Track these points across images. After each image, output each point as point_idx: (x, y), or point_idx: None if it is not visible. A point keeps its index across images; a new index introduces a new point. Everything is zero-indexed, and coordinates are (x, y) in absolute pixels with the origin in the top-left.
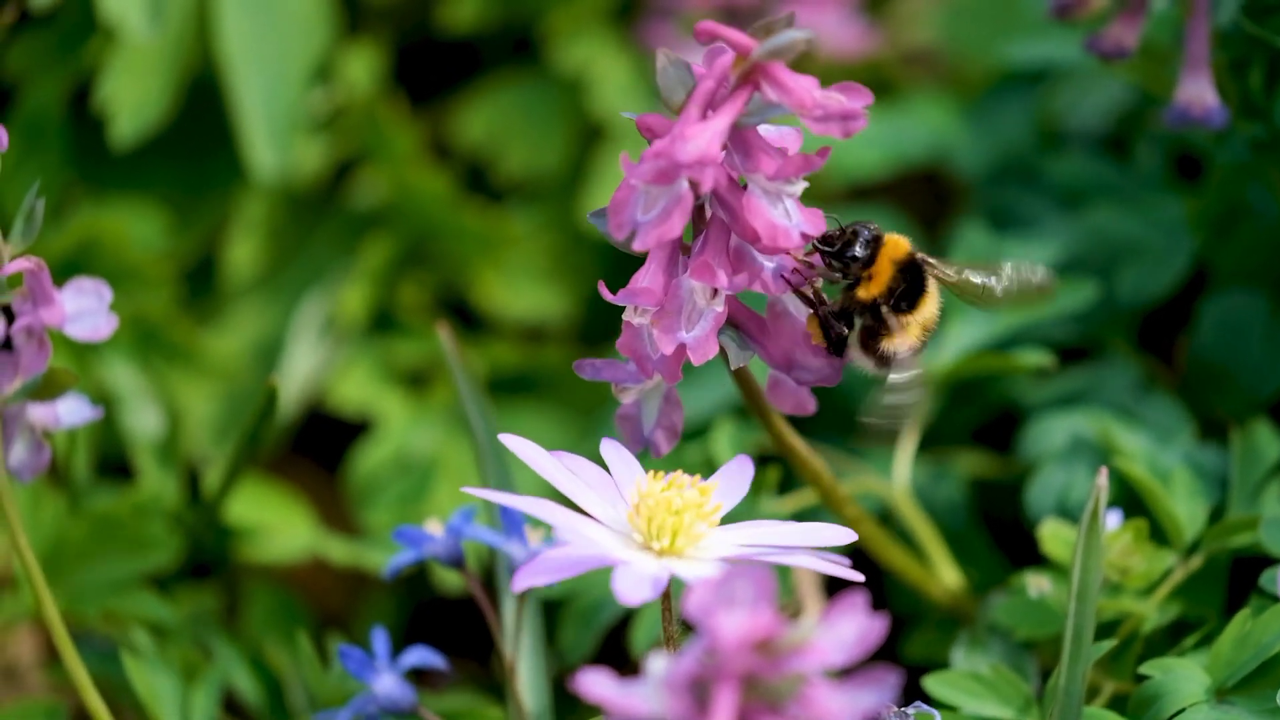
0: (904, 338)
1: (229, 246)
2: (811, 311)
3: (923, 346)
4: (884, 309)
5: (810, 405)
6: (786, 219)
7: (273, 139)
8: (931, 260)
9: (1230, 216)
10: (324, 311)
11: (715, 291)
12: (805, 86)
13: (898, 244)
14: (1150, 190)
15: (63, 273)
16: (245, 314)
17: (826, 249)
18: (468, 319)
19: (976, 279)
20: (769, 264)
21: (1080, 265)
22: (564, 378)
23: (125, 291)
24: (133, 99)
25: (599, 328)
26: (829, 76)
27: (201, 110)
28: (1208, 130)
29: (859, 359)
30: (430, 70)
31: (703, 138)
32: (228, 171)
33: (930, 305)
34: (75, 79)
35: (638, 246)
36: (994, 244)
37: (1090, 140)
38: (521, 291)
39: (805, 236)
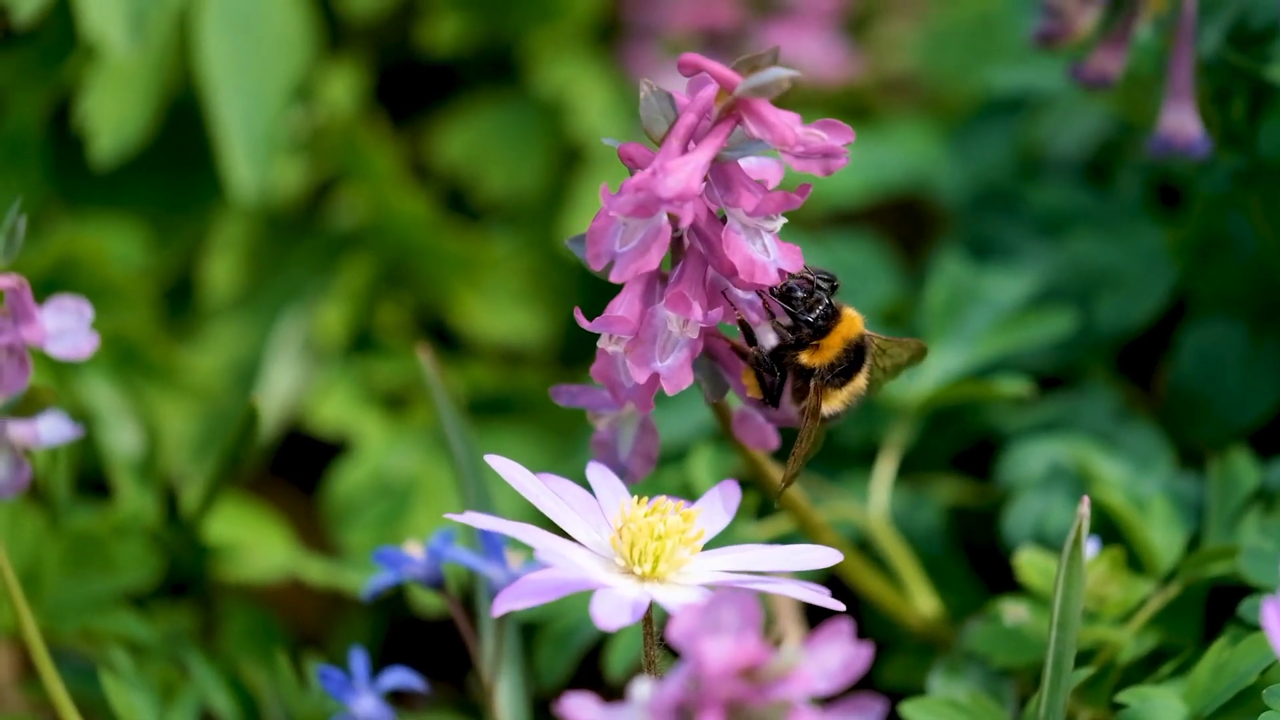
0: (830, 405)
1: (208, 265)
2: (746, 362)
3: (848, 410)
4: (815, 381)
5: (772, 442)
6: (765, 255)
7: (252, 158)
8: (877, 337)
9: (1211, 246)
10: (303, 331)
11: (688, 321)
12: (787, 122)
13: (852, 322)
14: (1131, 219)
15: (43, 290)
16: (224, 333)
17: (787, 306)
18: (447, 340)
19: (902, 352)
20: (745, 297)
21: (1060, 293)
22: (543, 400)
23: (104, 309)
24: (113, 117)
25: (578, 350)
26: (809, 103)
27: (181, 129)
28: (1190, 160)
29: (790, 409)
30: (410, 90)
31: (683, 172)
32: (207, 190)
33: (861, 378)
34: (56, 96)
35: (614, 278)
36: (973, 272)
37: (1071, 168)
38: (501, 313)
39: (782, 273)
